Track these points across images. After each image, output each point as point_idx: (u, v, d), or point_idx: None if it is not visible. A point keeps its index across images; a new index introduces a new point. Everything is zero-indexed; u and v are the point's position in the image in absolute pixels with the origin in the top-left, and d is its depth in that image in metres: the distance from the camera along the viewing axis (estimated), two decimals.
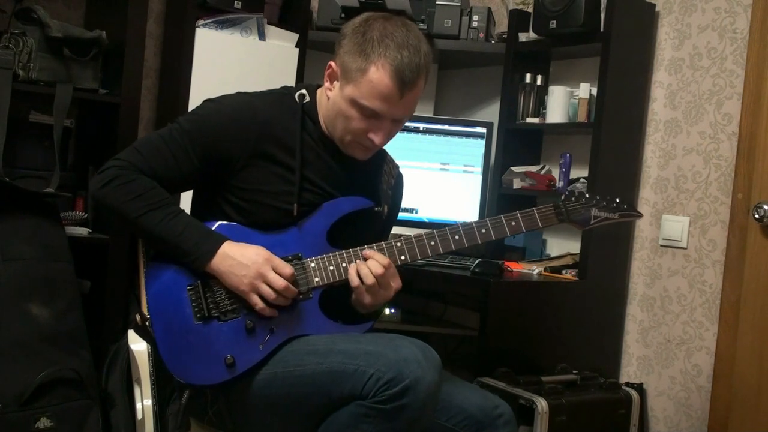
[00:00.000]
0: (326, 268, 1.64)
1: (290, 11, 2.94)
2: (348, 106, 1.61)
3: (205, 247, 1.58)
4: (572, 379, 2.44)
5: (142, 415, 2.13)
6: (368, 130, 1.62)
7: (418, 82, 1.61)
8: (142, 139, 1.67)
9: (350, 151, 1.68)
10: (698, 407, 2.57)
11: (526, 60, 2.95)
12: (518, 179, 2.89)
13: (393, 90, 1.57)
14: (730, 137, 2.53)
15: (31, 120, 2.45)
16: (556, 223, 1.75)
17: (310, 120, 1.71)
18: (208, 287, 1.61)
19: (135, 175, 1.59)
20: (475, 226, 1.70)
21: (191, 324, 1.60)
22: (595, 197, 1.76)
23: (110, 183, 1.59)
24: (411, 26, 1.63)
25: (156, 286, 1.63)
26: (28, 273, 2.16)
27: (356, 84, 1.59)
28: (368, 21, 1.62)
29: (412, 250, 1.67)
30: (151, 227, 1.58)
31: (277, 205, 1.65)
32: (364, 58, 1.58)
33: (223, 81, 2.66)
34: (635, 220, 1.80)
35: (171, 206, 1.60)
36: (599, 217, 1.76)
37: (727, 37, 2.56)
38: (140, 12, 2.51)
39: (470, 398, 1.66)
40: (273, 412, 1.59)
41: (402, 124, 1.68)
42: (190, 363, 1.59)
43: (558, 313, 2.58)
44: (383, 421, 1.45)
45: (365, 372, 1.46)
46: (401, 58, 1.56)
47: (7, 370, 2.04)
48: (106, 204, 1.61)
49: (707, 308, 2.56)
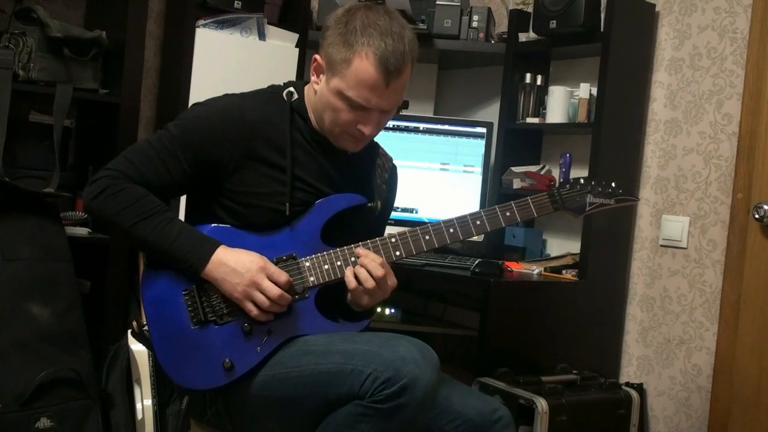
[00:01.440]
0: (321, 267, 1.63)
1: (290, 11, 2.94)
2: (335, 99, 1.60)
3: (199, 254, 1.57)
4: (572, 379, 2.44)
5: (142, 415, 2.13)
6: (357, 122, 1.61)
7: (404, 70, 1.58)
8: (132, 147, 1.66)
9: (341, 143, 1.67)
10: (698, 407, 2.57)
11: (526, 60, 2.95)
12: (518, 179, 2.89)
13: (379, 79, 1.55)
14: (730, 137, 2.53)
15: (31, 120, 2.45)
16: (551, 212, 1.72)
17: (300, 117, 1.69)
18: (204, 291, 1.61)
19: (126, 184, 1.58)
20: (470, 218, 1.68)
21: (188, 329, 1.59)
22: (590, 183, 1.74)
23: (101, 194, 1.58)
24: (394, 14, 1.61)
25: (152, 292, 1.62)
26: (28, 273, 2.16)
27: (342, 76, 1.57)
28: (350, 11, 1.60)
29: (407, 245, 1.66)
30: (145, 236, 1.57)
31: (270, 206, 1.64)
32: (347, 48, 1.56)
33: (223, 81, 2.66)
34: (632, 204, 1.77)
35: (164, 213, 1.59)
36: (595, 203, 1.74)
37: (727, 37, 2.56)
38: (140, 12, 2.51)
39: (469, 402, 1.65)
40: (271, 414, 1.59)
41: (391, 114, 1.66)
42: (189, 368, 1.58)
43: (558, 313, 2.58)
44: (380, 421, 1.45)
45: (362, 372, 1.45)
46: (385, 47, 1.54)
47: (7, 370, 2.05)
48: (98, 215, 1.60)
49: (707, 308, 2.56)
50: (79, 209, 2.53)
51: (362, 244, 1.65)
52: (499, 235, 2.93)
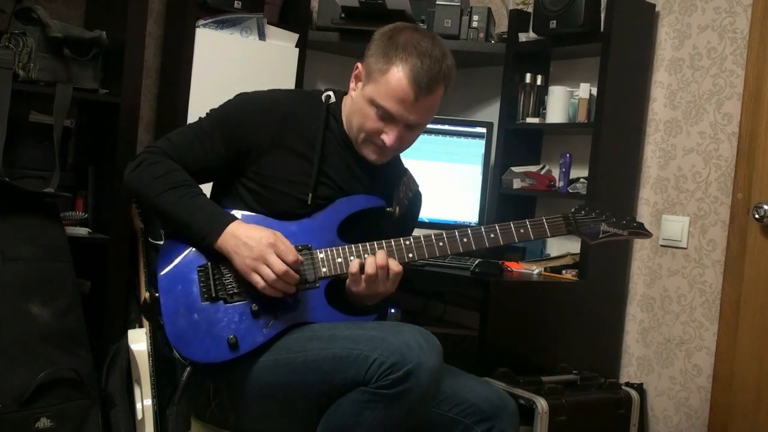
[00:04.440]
0: (334, 259, 1.67)
1: (290, 11, 2.94)
2: (366, 105, 1.67)
3: (214, 227, 1.62)
4: (572, 379, 2.44)
5: (142, 415, 2.13)
6: (381, 131, 1.68)
7: (435, 90, 1.66)
8: (176, 130, 1.76)
9: (364, 151, 1.73)
10: (698, 407, 2.57)
11: (526, 60, 2.95)
12: (518, 179, 2.89)
13: (408, 92, 1.63)
14: (730, 137, 2.53)
15: (31, 120, 2.45)
16: (565, 234, 1.77)
17: (334, 119, 1.77)
18: (218, 270, 1.65)
19: (161, 158, 1.67)
20: (485, 230, 1.75)
21: (198, 303, 1.63)
22: (605, 212, 1.79)
23: (139, 166, 1.67)
24: (437, 40, 1.69)
25: (167, 265, 1.67)
26: (29, 273, 2.16)
27: (376, 84, 1.65)
28: (397, 28, 1.69)
29: (420, 248, 1.71)
30: (168, 205, 1.63)
31: (293, 193, 1.70)
32: (386, 60, 1.64)
33: (223, 81, 2.67)
34: (644, 239, 1.83)
35: (191, 187, 1.66)
36: (608, 232, 1.78)
37: (727, 37, 2.56)
38: (140, 12, 2.51)
39: (476, 389, 1.68)
40: (275, 401, 1.60)
41: (417, 133, 1.74)
42: (194, 340, 1.61)
43: (558, 313, 2.58)
44: (386, 407, 1.47)
45: (368, 357, 1.48)
46: (421, 65, 1.62)
47: (7, 370, 2.05)
48: (133, 186, 1.68)
49: (707, 308, 2.56)
50: (79, 209, 2.53)
51: (377, 243, 1.69)
52: None
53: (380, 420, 1.48)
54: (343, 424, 1.51)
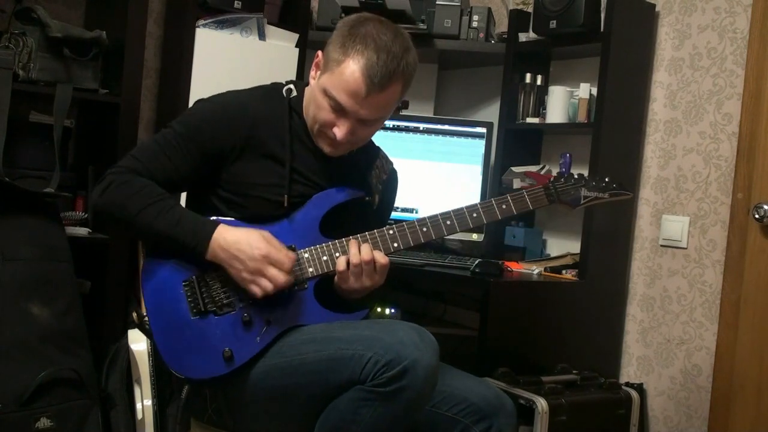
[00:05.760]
0: (320, 258, 1.66)
1: (290, 11, 2.94)
2: (321, 95, 1.63)
3: (200, 238, 1.59)
4: (572, 379, 2.44)
5: (142, 415, 2.13)
6: (334, 124, 1.64)
7: (388, 88, 1.61)
8: (138, 146, 1.70)
9: (319, 142, 1.70)
10: (698, 407, 2.57)
11: (526, 60, 2.95)
12: (518, 179, 2.89)
13: (360, 87, 1.58)
14: (730, 137, 2.53)
15: (31, 120, 2.46)
16: (547, 204, 1.74)
17: (296, 114, 1.73)
18: (204, 282, 1.63)
19: (130, 176, 1.62)
20: (467, 210, 1.71)
21: (188, 319, 1.61)
22: (584, 177, 1.78)
23: (108, 188, 1.61)
24: (401, 35, 1.63)
25: (152, 282, 1.64)
26: (28, 273, 2.16)
27: (331, 74, 1.61)
28: (361, 19, 1.65)
29: (405, 236, 1.69)
30: (150, 221, 1.59)
31: (268, 197, 1.67)
32: (343, 51, 1.60)
33: (223, 81, 2.65)
34: (625, 199, 1.82)
35: (167, 200, 1.61)
36: (589, 197, 1.77)
37: (727, 37, 2.56)
38: (140, 12, 2.51)
39: (473, 388, 1.68)
40: (272, 405, 1.60)
41: (373, 128, 1.69)
42: (188, 357, 1.59)
43: (558, 313, 2.58)
44: (382, 405, 1.47)
45: (363, 356, 1.47)
46: (377, 59, 1.57)
47: (7, 370, 2.05)
48: (106, 210, 1.62)
49: (707, 308, 2.56)
50: (79, 209, 2.53)
51: (360, 236, 1.67)
52: (499, 235, 2.93)
53: (377, 418, 1.48)
54: (339, 423, 1.51)
